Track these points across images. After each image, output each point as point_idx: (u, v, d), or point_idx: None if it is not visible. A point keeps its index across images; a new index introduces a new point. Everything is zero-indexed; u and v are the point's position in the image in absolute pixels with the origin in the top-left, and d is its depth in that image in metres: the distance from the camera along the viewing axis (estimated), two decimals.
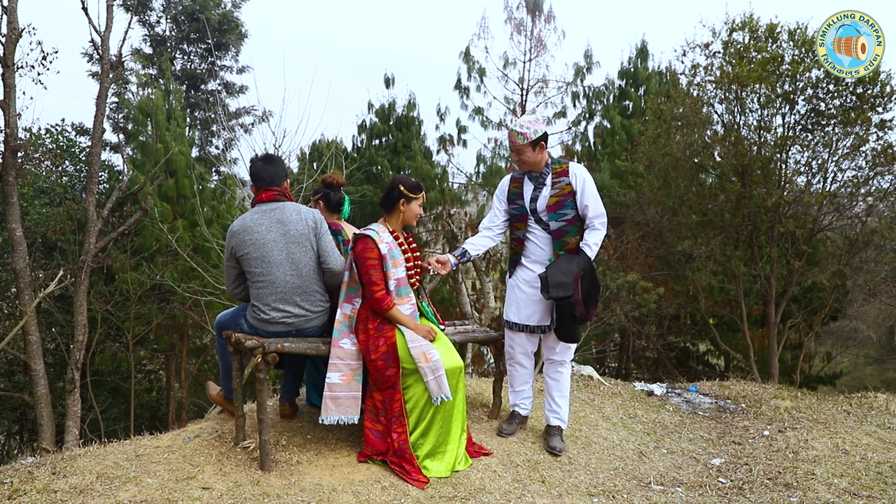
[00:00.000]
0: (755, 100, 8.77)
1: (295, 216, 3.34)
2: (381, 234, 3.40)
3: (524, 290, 3.73)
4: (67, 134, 13.46)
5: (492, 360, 9.79)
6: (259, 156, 3.52)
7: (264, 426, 3.17)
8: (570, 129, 16.02)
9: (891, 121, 8.26)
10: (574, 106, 15.80)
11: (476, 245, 3.79)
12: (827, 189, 9.01)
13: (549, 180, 3.66)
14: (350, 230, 3.89)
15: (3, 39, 8.52)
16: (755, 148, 8.81)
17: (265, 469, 3.16)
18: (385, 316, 3.35)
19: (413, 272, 3.52)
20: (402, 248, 3.48)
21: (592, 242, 3.64)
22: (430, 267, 3.60)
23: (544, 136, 3.61)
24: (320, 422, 3.31)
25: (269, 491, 2.98)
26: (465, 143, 16.45)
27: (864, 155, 8.61)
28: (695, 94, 9.45)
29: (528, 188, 3.71)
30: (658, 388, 5.49)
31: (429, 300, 3.77)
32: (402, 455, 3.26)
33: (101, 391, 12.62)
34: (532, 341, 3.84)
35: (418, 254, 3.59)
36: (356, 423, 3.34)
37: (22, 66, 9.09)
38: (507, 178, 3.86)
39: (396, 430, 3.29)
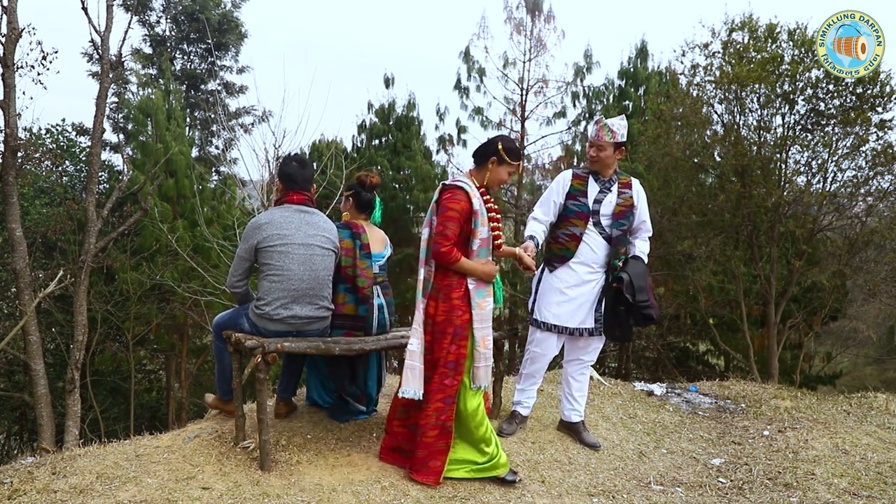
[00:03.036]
0: (755, 100, 8.77)
1: (324, 224, 3.48)
2: (472, 189, 3.15)
3: (566, 292, 3.68)
4: (67, 134, 13.46)
5: None
6: (294, 157, 3.56)
7: (264, 426, 3.17)
8: (569, 129, 16.03)
9: (891, 121, 8.26)
10: (574, 106, 15.81)
11: (539, 235, 3.67)
12: (827, 189, 9.00)
13: (615, 188, 3.71)
14: (373, 234, 3.82)
15: (3, 39, 8.52)
16: (755, 148, 8.80)
17: (265, 469, 3.15)
18: (453, 268, 3.11)
19: (496, 234, 3.26)
20: (487, 206, 3.23)
21: (646, 252, 3.83)
22: (520, 255, 3.34)
23: (625, 143, 3.69)
24: (400, 395, 3.16)
25: (269, 491, 2.98)
26: (464, 143, 16.47)
27: (864, 155, 8.60)
28: (694, 94, 9.44)
29: (592, 188, 3.70)
30: (658, 388, 5.49)
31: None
32: (435, 440, 3.15)
33: (101, 391, 12.62)
34: (559, 344, 3.82)
35: (499, 216, 3.35)
36: (419, 398, 3.14)
37: (22, 66, 9.09)
38: (568, 173, 3.78)
39: (444, 414, 3.16)
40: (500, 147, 3.19)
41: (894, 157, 8.25)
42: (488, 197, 3.24)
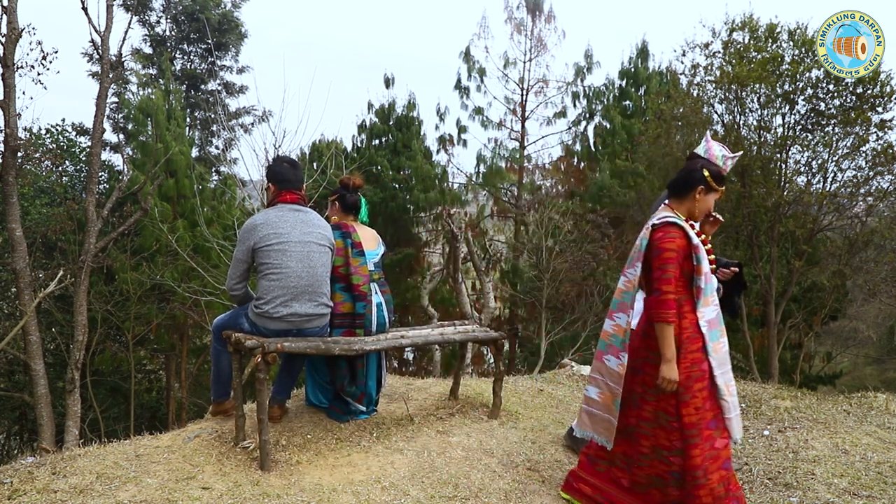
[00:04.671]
0: (755, 100, 8.78)
1: (318, 221, 3.54)
2: (684, 223, 2.78)
3: None
4: (67, 134, 13.46)
5: (492, 361, 9.78)
6: (284, 158, 3.64)
7: (264, 426, 3.17)
8: (570, 129, 16.03)
9: (891, 121, 8.27)
10: (574, 106, 15.84)
11: None
12: (827, 189, 9.02)
13: None
14: (364, 232, 3.86)
15: (3, 39, 8.52)
16: (755, 148, 8.82)
17: (265, 469, 3.15)
18: (656, 325, 2.70)
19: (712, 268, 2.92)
20: (701, 238, 2.87)
21: None
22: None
23: None
24: (574, 434, 3.00)
25: (269, 491, 2.98)
26: (465, 143, 16.52)
27: (864, 155, 8.62)
28: (695, 94, 9.46)
29: None
30: None
31: None
32: None
33: (101, 391, 12.63)
34: None
35: (710, 246, 2.99)
36: (609, 448, 2.94)
37: (22, 66, 9.10)
38: None
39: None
40: (706, 175, 2.84)
41: (894, 157, 8.26)
42: (699, 230, 2.90)
